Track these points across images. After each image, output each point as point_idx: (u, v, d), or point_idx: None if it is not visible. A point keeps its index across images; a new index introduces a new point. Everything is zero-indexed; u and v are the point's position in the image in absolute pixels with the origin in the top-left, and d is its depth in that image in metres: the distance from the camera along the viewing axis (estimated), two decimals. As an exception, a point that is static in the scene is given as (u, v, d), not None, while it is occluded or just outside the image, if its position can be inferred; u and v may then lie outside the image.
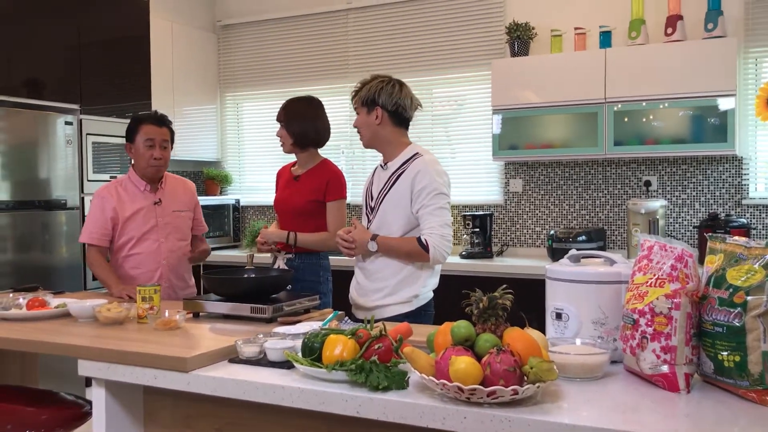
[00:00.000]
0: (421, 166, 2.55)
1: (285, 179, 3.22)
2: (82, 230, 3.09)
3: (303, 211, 3.06)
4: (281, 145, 3.14)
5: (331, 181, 3.05)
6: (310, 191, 3.06)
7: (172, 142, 3.15)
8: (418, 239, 2.51)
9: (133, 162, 3.13)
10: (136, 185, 3.09)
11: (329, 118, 3.22)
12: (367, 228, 2.66)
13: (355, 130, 2.73)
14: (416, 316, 2.59)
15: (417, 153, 2.62)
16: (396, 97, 2.61)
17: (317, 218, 3.07)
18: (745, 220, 4.04)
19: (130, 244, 3.05)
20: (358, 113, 2.68)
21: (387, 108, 2.61)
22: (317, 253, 3.10)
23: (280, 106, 3.17)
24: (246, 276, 2.66)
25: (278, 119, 3.13)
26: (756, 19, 4.11)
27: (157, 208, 3.09)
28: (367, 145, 2.72)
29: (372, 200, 2.69)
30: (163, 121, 3.11)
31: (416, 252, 2.51)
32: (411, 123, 2.73)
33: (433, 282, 2.68)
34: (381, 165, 2.72)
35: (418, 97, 2.76)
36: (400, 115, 2.64)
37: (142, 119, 3.09)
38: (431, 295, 2.68)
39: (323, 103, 3.23)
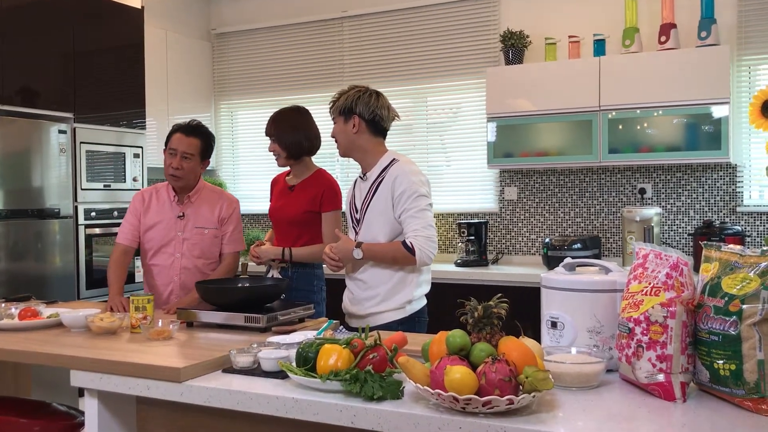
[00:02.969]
0: (398, 171, 2.57)
1: (279, 188, 3.20)
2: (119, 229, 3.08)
3: (298, 221, 3.05)
4: (275, 159, 3.08)
5: (327, 191, 3.03)
6: (305, 202, 3.04)
7: (206, 154, 3.04)
8: (403, 243, 2.51)
9: None
10: (168, 194, 3.04)
11: (324, 127, 3.21)
12: (355, 240, 2.66)
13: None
14: (410, 323, 2.58)
15: (394, 159, 2.63)
16: (373, 107, 2.62)
17: (313, 228, 3.05)
18: (739, 228, 4.05)
19: (150, 253, 3.03)
20: (335, 122, 2.69)
21: (364, 117, 2.62)
22: (311, 263, 3.09)
23: (268, 120, 3.11)
24: (240, 285, 2.65)
25: (268, 134, 3.06)
26: (749, 27, 4.12)
27: (179, 222, 3.01)
28: (343, 154, 2.73)
29: (357, 212, 2.70)
30: (194, 131, 3.00)
31: (402, 255, 2.51)
32: (408, 131, 2.73)
33: (426, 288, 2.68)
34: (360, 176, 2.73)
35: (414, 105, 2.77)
36: (378, 124, 2.65)
37: (175, 128, 3.03)
38: (425, 301, 2.68)
39: (319, 111, 3.22)
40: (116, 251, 3.04)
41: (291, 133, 3.04)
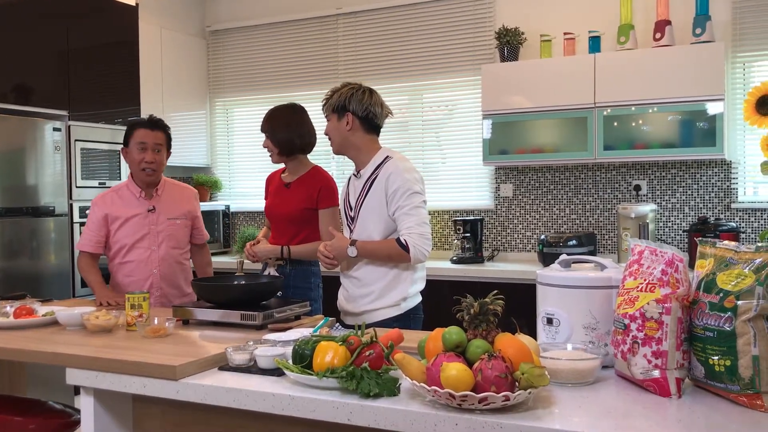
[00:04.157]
0: (392, 168, 2.57)
1: (275, 186, 3.20)
2: (79, 240, 3.11)
3: (295, 218, 3.05)
4: (269, 156, 3.12)
5: (323, 188, 3.04)
6: (302, 199, 3.05)
7: (169, 146, 3.13)
8: (397, 240, 2.51)
9: (130, 168, 3.12)
10: (132, 191, 3.09)
11: (320, 124, 3.21)
12: (350, 238, 2.66)
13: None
14: (405, 320, 2.59)
15: (387, 156, 2.63)
16: (366, 104, 2.62)
17: (310, 225, 3.05)
18: (734, 224, 4.06)
19: (123, 252, 3.04)
20: (328, 120, 2.69)
21: (358, 114, 2.61)
22: (308, 260, 3.09)
23: (264, 115, 3.15)
24: (236, 283, 2.65)
25: (263, 130, 3.11)
26: (744, 23, 4.13)
27: (150, 215, 3.07)
28: (337, 152, 2.72)
29: (351, 210, 2.69)
30: (156, 125, 3.09)
31: (396, 253, 2.51)
32: (403, 129, 2.73)
33: (421, 285, 2.68)
34: (354, 174, 2.73)
35: (409, 102, 2.77)
36: (371, 122, 2.64)
37: (136, 124, 3.09)
38: (419, 298, 2.68)
39: (314, 108, 3.22)
40: (81, 258, 3.08)
41: (284, 130, 3.05)
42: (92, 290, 3.00)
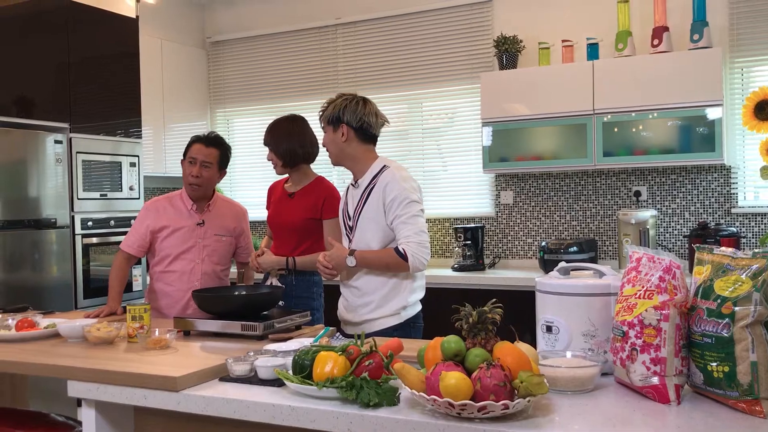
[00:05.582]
0: (389, 177, 2.57)
1: (278, 195, 3.21)
2: (125, 237, 3.15)
3: (299, 228, 3.05)
4: (273, 168, 3.14)
5: (328, 199, 3.04)
6: (306, 209, 3.05)
7: (223, 164, 3.15)
8: (396, 249, 2.51)
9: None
10: (184, 203, 3.13)
11: (320, 134, 3.22)
12: (349, 248, 2.66)
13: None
14: (405, 328, 2.59)
15: (384, 165, 2.64)
16: (360, 114, 2.62)
17: (313, 235, 3.06)
18: (735, 229, 4.06)
19: (167, 260, 3.08)
20: (325, 132, 2.70)
21: (352, 125, 2.62)
22: (310, 270, 3.09)
23: (266, 128, 3.18)
24: (237, 293, 2.65)
25: (265, 143, 3.13)
26: (741, 29, 4.14)
27: (198, 228, 3.10)
28: (335, 163, 2.73)
29: (350, 219, 2.70)
30: (212, 142, 3.12)
31: (395, 262, 2.51)
32: (404, 137, 2.73)
33: (420, 293, 2.68)
34: (352, 184, 2.74)
35: (409, 111, 2.78)
36: (366, 132, 2.65)
37: (194, 139, 3.14)
38: (419, 306, 2.68)
39: (315, 118, 3.22)
40: (119, 258, 3.12)
41: (285, 142, 3.07)
42: (108, 294, 3.01)
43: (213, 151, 3.10)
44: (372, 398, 1.55)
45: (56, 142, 4.25)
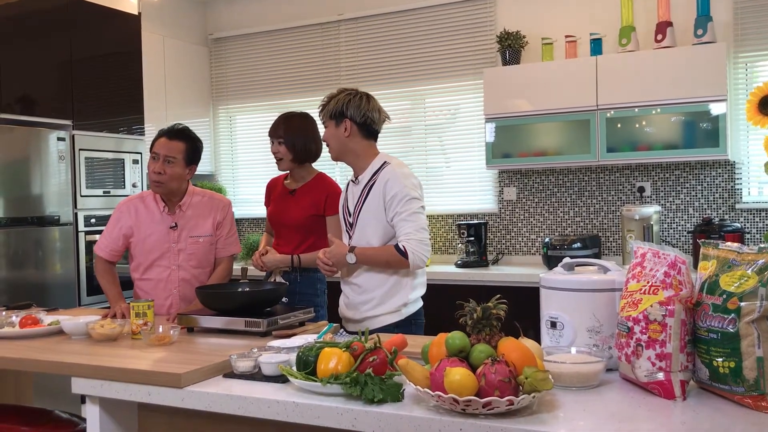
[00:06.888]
0: (389, 174, 2.56)
1: (278, 192, 3.18)
2: (98, 239, 2.98)
3: (301, 225, 3.04)
4: (278, 162, 3.06)
5: (330, 195, 3.02)
6: (308, 206, 3.03)
7: (192, 159, 2.90)
8: (396, 246, 2.50)
9: None
10: (157, 204, 2.91)
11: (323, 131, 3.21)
12: (349, 244, 2.66)
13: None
14: (406, 325, 2.58)
15: (385, 162, 2.62)
16: (364, 109, 2.60)
17: (316, 232, 3.04)
18: (739, 225, 4.05)
19: (142, 268, 2.92)
20: (326, 126, 2.67)
21: (356, 120, 2.60)
22: (315, 267, 3.08)
23: (275, 121, 3.10)
24: (240, 290, 2.65)
25: (275, 135, 3.04)
26: (745, 24, 4.13)
27: (172, 232, 2.89)
28: (335, 158, 2.71)
29: (350, 216, 2.69)
30: (177, 135, 2.87)
31: (395, 259, 2.50)
32: (406, 133, 2.73)
33: (421, 290, 2.67)
34: (352, 180, 2.72)
35: (412, 107, 2.77)
36: (369, 127, 2.63)
37: (159, 132, 2.91)
38: (420, 303, 2.67)
39: (316, 114, 3.22)
40: (97, 262, 2.94)
41: (301, 138, 3.02)
42: (107, 298, 2.89)
43: (178, 145, 2.84)
44: (376, 394, 1.54)
45: (59, 139, 4.25)
